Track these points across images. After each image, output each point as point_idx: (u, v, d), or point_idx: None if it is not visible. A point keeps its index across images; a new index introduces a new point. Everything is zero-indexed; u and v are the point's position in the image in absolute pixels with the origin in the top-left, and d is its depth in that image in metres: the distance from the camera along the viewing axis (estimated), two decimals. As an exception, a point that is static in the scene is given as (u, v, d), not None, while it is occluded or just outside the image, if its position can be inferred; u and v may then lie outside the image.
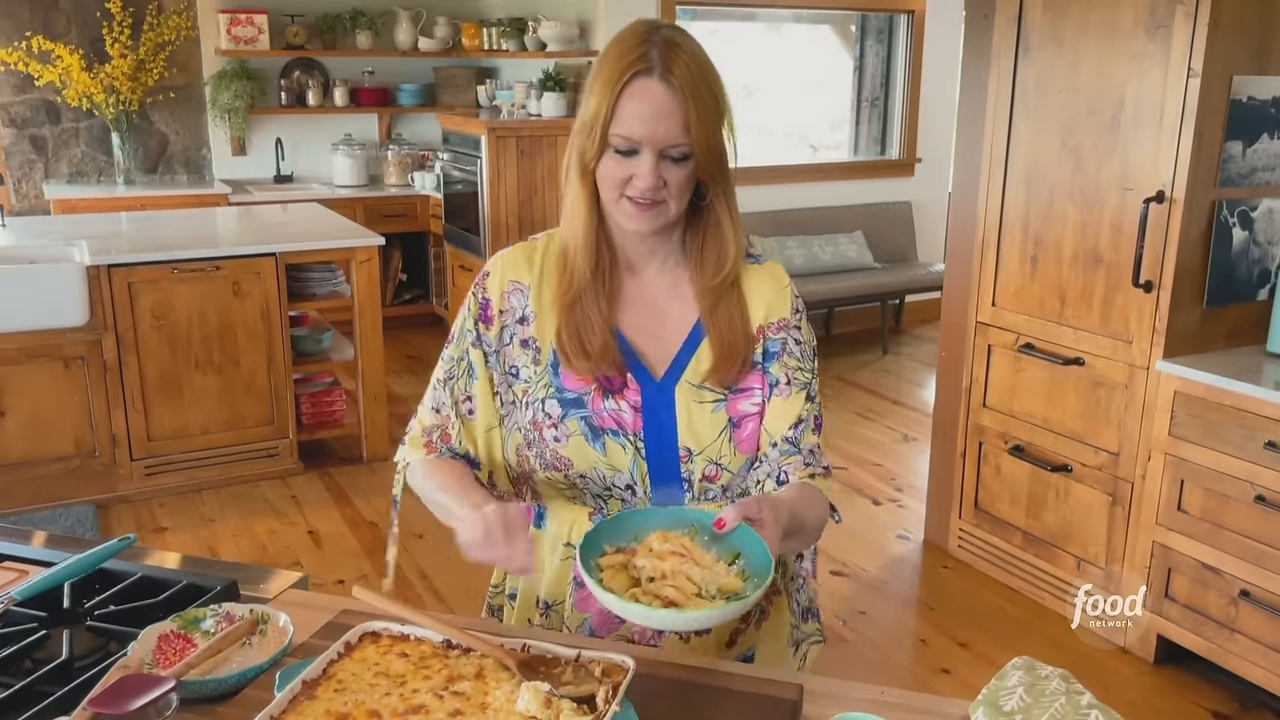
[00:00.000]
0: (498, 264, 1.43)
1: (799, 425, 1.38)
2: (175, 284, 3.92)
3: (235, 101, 6.09)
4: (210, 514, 3.92)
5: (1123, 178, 2.90)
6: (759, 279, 1.41)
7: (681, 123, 1.24)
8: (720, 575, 1.16)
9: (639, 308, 1.40)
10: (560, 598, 1.45)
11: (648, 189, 1.27)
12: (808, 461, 1.38)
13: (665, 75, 1.24)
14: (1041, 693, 1.17)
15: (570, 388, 1.36)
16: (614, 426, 1.35)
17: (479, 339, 1.41)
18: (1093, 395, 3.07)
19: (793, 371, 1.39)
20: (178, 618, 1.30)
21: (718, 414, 1.36)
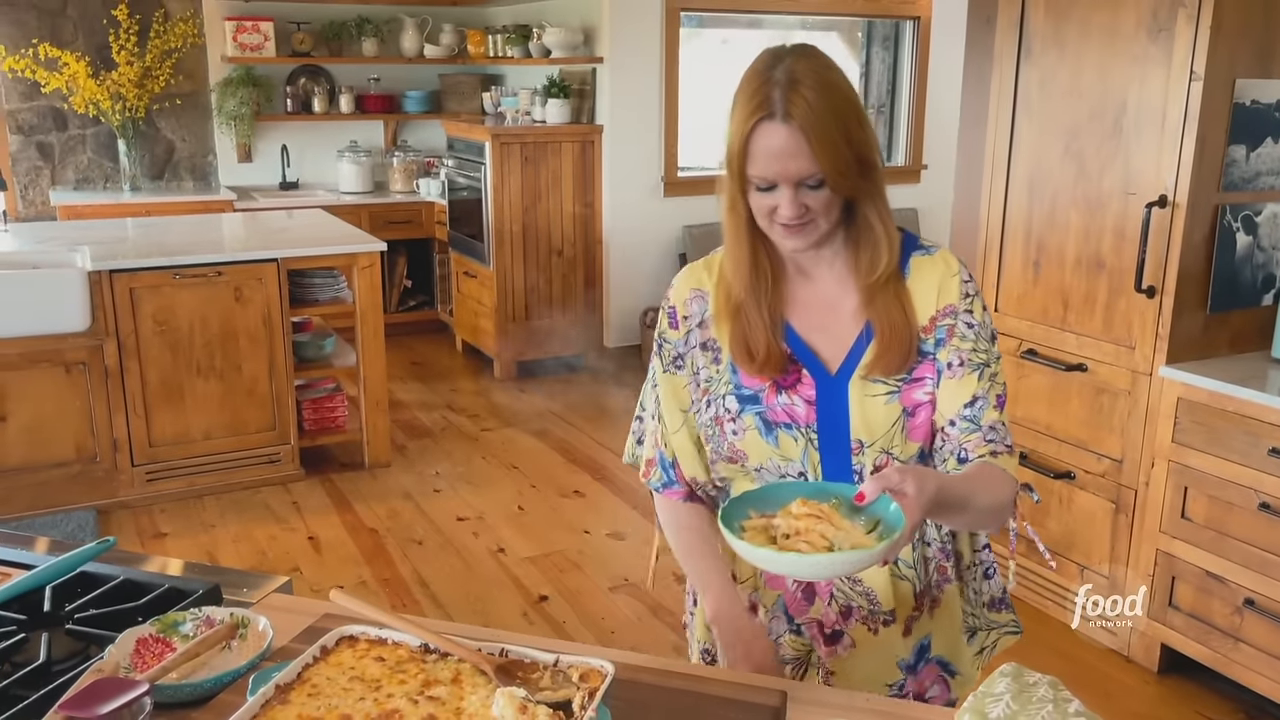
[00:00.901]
0: (679, 278, 1.53)
1: (976, 402, 1.40)
2: (177, 289, 3.93)
3: (241, 108, 6.11)
4: (211, 520, 3.91)
5: (1125, 182, 2.87)
6: (929, 270, 1.44)
7: (808, 157, 1.29)
8: (855, 536, 1.17)
9: (813, 307, 1.45)
10: (746, 575, 1.53)
11: (792, 217, 1.33)
12: (989, 439, 1.39)
13: (786, 117, 1.29)
14: (1029, 700, 1.15)
15: (747, 385, 1.44)
16: (787, 420, 1.42)
17: (672, 344, 1.51)
18: (1096, 402, 3.04)
19: (965, 353, 1.41)
20: (156, 621, 1.29)
21: (891, 405, 1.40)
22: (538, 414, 5.13)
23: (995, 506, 1.37)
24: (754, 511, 1.22)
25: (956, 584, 1.53)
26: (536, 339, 5.75)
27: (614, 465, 4.45)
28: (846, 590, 1.46)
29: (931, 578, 1.51)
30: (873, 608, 1.47)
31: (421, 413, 5.15)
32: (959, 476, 1.37)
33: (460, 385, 5.67)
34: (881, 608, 1.47)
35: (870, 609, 1.47)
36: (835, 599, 1.47)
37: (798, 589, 1.49)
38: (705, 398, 1.47)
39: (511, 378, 5.69)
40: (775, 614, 1.51)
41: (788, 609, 1.49)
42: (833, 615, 1.47)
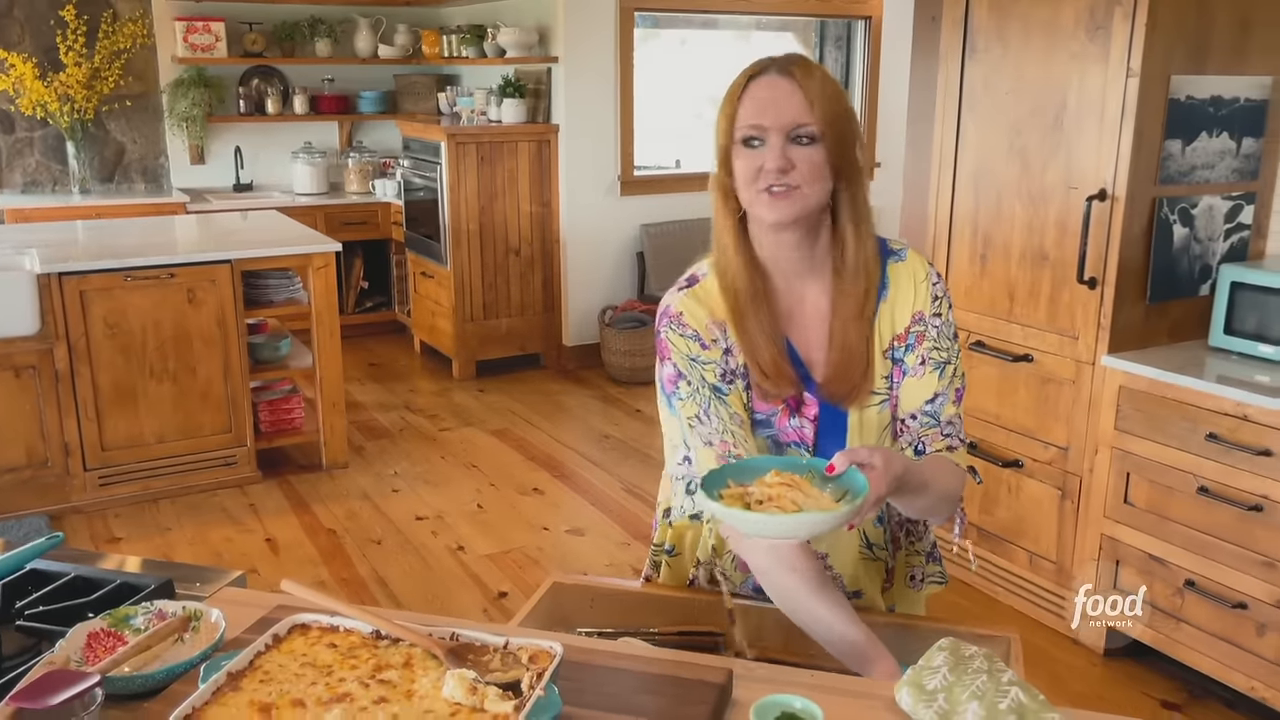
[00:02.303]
0: (687, 306, 1.46)
1: (936, 399, 1.45)
2: (128, 292, 3.89)
3: (193, 110, 6.05)
4: (166, 523, 3.88)
5: (1067, 176, 2.95)
6: (904, 277, 1.47)
7: (803, 103, 1.31)
8: (824, 502, 1.21)
9: (809, 322, 1.46)
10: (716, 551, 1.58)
11: (775, 169, 1.32)
12: (946, 433, 1.46)
13: (783, 70, 1.33)
14: (964, 671, 1.19)
15: (760, 410, 1.46)
16: (795, 440, 1.47)
17: (713, 363, 1.44)
18: (1042, 391, 3.11)
19: (928, 352, 1.45)
20: (108, 615, 1.30)
21: (883, 412, 1.46)
22: (496, 413, 5.14)
23: (949, 496, 1.43)
24: (732, 481, 1.26)
25: (905, 548, 1.62)
26: (494, 338, 5.76)
27: (573, 463, 4.46)
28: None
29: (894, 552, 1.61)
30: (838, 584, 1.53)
31: (379, 413, 5.14)
32: (920, 463, 1.42)
33: (418, 385, 5.66)
34: (846, 588, 1.53)
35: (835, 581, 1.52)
36: None
37: None
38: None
39: (470, 377, 5.69)
40: (743, 590, 1.56)
41: (756, 588, 1.53)
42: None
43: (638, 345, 5.43)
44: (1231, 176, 2.93)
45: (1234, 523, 2.62)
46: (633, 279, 5.91)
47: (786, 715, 1.16)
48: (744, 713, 1.18)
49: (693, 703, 1.16)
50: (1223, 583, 2.66)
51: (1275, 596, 2.55)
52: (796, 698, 1.18)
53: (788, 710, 1.17)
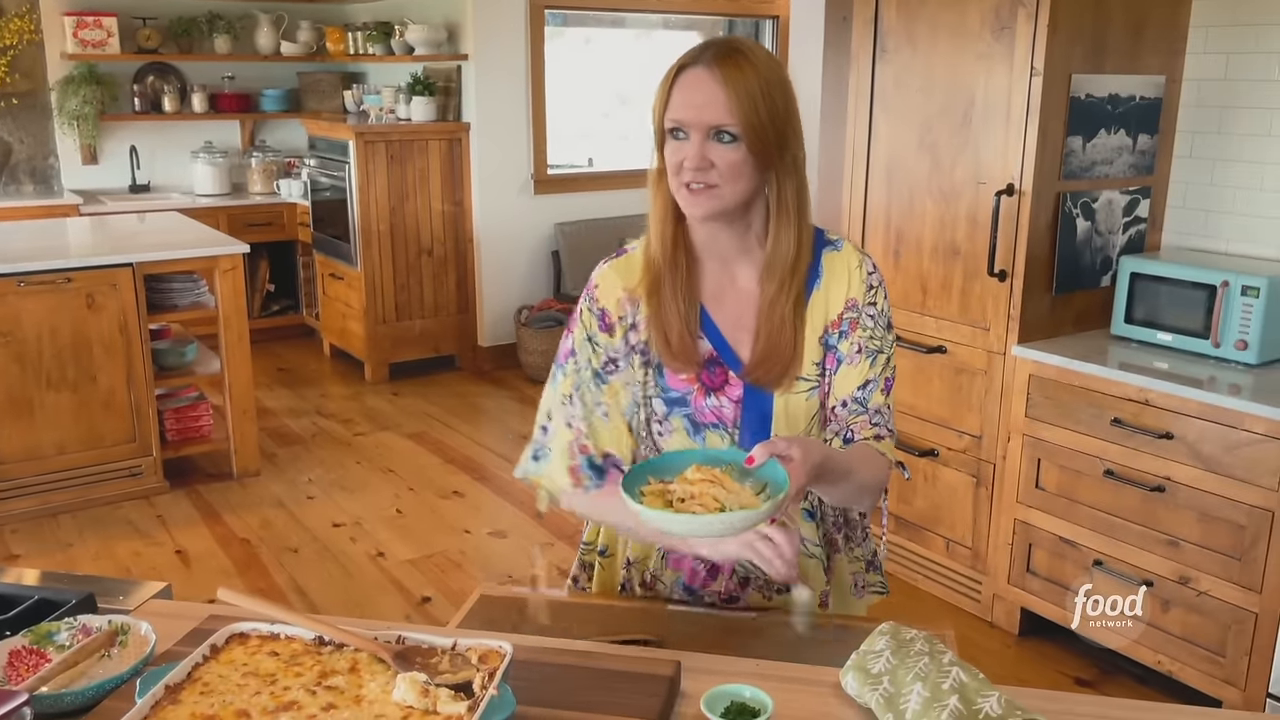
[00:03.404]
0: (607, 277, 1.49)
1: (867, 386, 1.45)
2: (21, 298, 3.72)
3: (84, 108, 5.81)
4: (68, 538, 3.73)
5: (976, 172, 3.03)
6: (839, 266, 1.47)
7: (726, 102, 1.31)
8: (745, 498, 1.22)
9: (736, 304, 1.46)
10: (645, 554, 1.57)
11: (692, 168, 1.33)
12: (874, 421, 1.46)
13: (710, 64, 1.32)
14: (907, 654, 1.22)
15: (674, 388, 1.45)
16: (714, 421, 1.45)
17: (603, 347, 1.47)
18: (955, 381, 3.20)
19: (864, 341, 1.46)
20: (29, 632, 1.24)
21: (811, 400, 1.46)
22: (412, 416, 5.06)
23: (872, 485, 1.44)
24: (653, 478, 1.26)
25: (844, 552, 1.62)
26: (408, 340, 5.67)
27: (493, 465, 4.42)
28: (747, 566, 1.51)
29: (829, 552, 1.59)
30: (766, 580, 1.53)
31: (290, 419, 5.02)
32: (843, 452, 1.43)
33: (330, 390, 5.54)
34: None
35: (767, 580, 1.52)
36: (735, 571, 1.53)
37: (701, 567, 1.53)
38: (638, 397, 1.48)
39: (383, 380, 5.59)
40: (674, 590, 1.55)
41: (688, 585, 1.54)
42: (733, 585, 1.54)
43: (554, 345, 5.38)
44: (1129, 172, 3.06)
45: (1139, 504, 2.73)
46: (548, 278, 5.88)
47: (736, 705, 1.17)
48: (693, 704, 1.18)
49: (643, 695, 1.16)
50: (1129, 561, 2.77)
51: (1179, 574, 2.67)
52: (745, 687, 1.19)
53: (737, 699, 1.18)
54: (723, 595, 1.54)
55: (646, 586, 1.57)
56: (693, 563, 1.53)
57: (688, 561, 1.53)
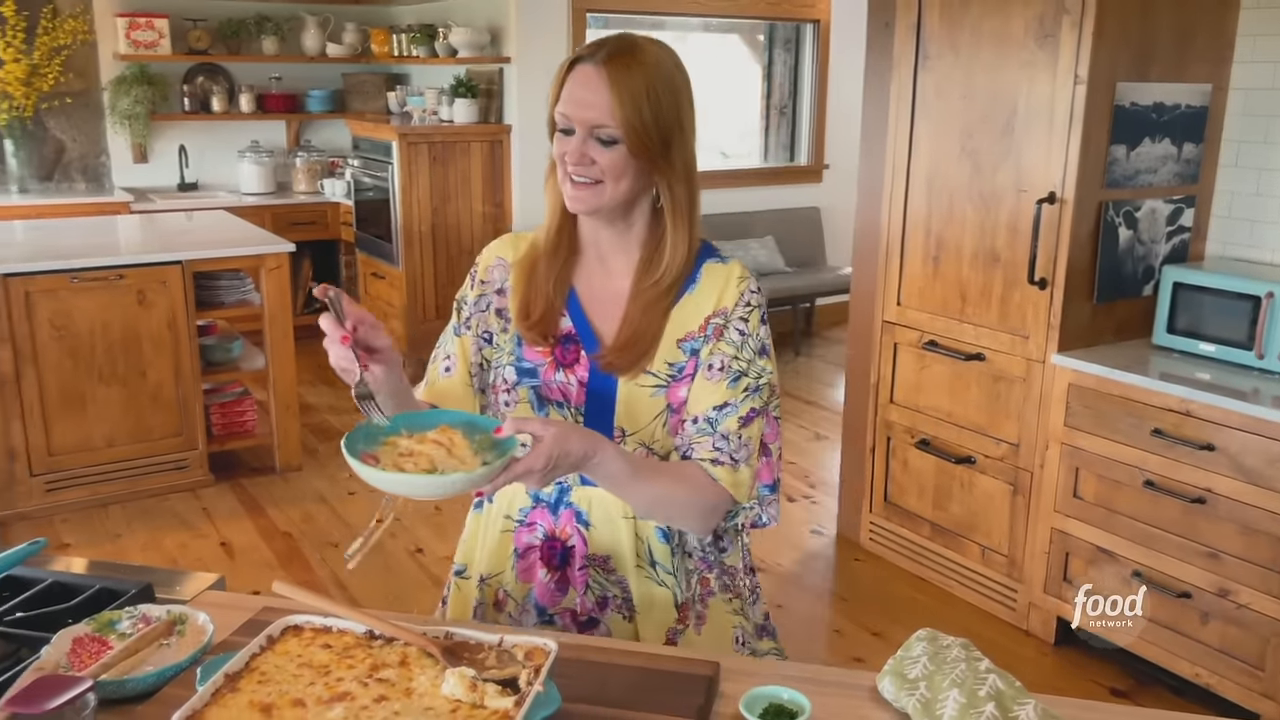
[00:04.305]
0: (494, 245, 1.55)
1: (723, 408, 1.40)
2: (75, 294, 3.82)
3: (135, 108, 5.93)
4: (117, 529, 3.81)
5: (1017, 180, 3.03)
6: (716, 275, 1.45)
7: (609, 104, 1.32)
8: (467, 465, 1.19)
9: (604, 295, 1.47)
10: (499, 569, 1.52)
11: (573, 163, 1.35)
12: (717, 445, 1.40)
13: (601, 62, 1.33)
14: (943, 660, 1.24)
15: (529, 358, 1.46)
16: (559, 398, 1.45)
17: (469, 305, 1.52)
18: (993, 389, 3.19)
19: (727, 358, 1.41)
20: (92, 620, 1.29)
21: (656, 399, 1.42)
22: (451, 414, 5.11)
23: (689, 506, 1.38)
24: (405, 430, 1.24)
25: (727, 600, 1.53)
26: (447, 339, 5.72)
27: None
28: (601, 581, 1.47)
29: (694, 590, 1.50)
30: (625, 596, 1.47)
31: (332, 416, 5.09)
32: (646, 460, 1.40)
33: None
34: (633, 599, 1.47)
35: (624, 597, 1.47)
36: (590, 589, 1.47)
37: (550, 580, 1.47)
38: (493, 363, 1.49)
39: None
40: (525, 608, 1.49)
41: (539, 601, 1.48)
42: (589, 604, 1.47)
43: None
44: (1173, 180, 3.04)
45: (1179, 515, 2.72)
46: (586, 279, 5.91)
47: (774, 706, 1.19)
48: (731, 705, 1.21)
49: (683, 694, 1.19)
50: (1168, 573, 2.76)
51: (1218, 586, 2.65)
52: (783, 689, 1.21)
53: (775, 701, 1.20)
54: (578, 615, 1.47)
55: (499, 606, 1.52)
56: (540, 574, 1.48)
57: (536, 572, 1.48)
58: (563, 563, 1.47)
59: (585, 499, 1.46)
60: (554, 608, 1.48)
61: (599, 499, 1.44)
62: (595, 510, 1.46)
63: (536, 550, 1.49)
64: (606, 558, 1.46)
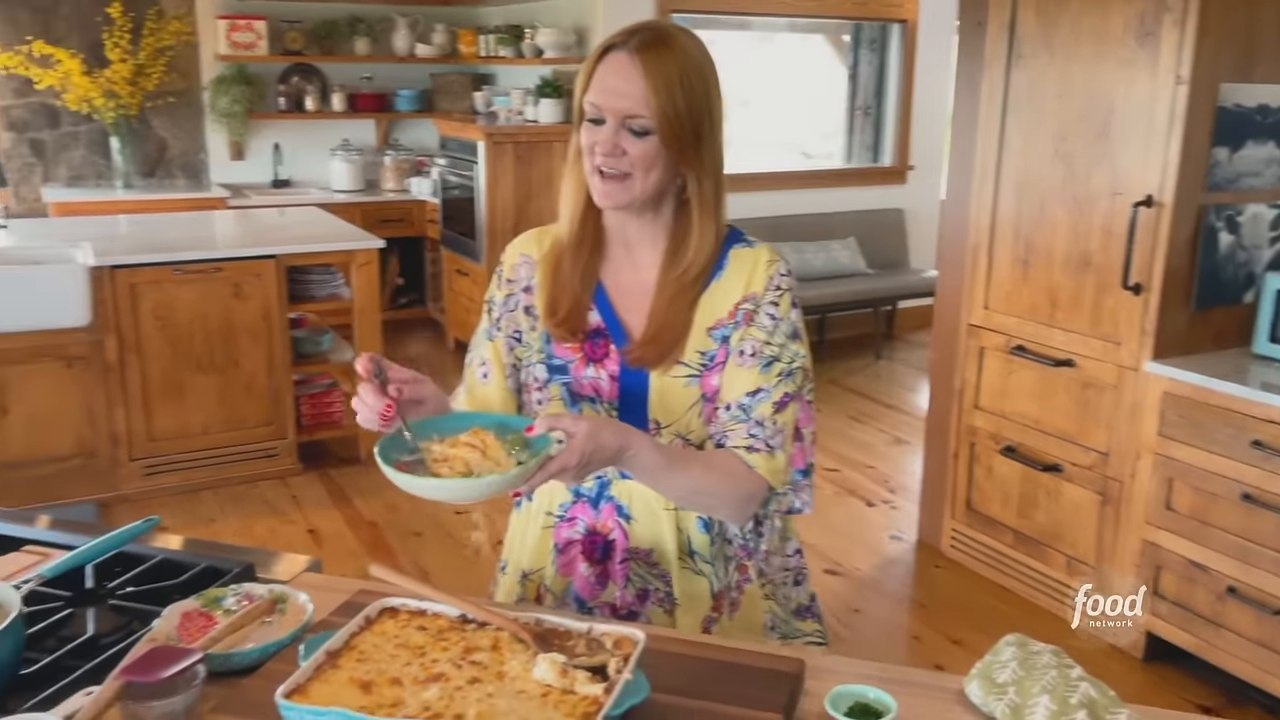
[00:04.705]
0: (518, 242, 1.55)
1: (757, 394, 1.38)
2: (177, 285, 3.96)
3: (234, 106, 6.13)
4: (210, 514, 3.95)
5: (1112, 182, 2.96)
6: (745, 260, 1.42)
7: (643, 93, 1.30)
8: (501, 466, 1.20)
9: (631, 287, 1.45)
10: (540, 565, 1.54)
11: (603, 154, 1.33)
12: (752, 432, 1.38)
13: (635, 51, 1.32)
14: (1034, 666, 1.22)
15: (558, 355, 1.45)
16: (591, 394, 1.44)
17: (497, 305, 1.52)
18: (1083, 396, 3.12)
19: (758, 344, 1.39)
20: (200, 596, 1.34)
21: (690, 389, 1.40)
22: (531, 410, 5.17)
23: (726, 494, 1.37)
24: (436, 435, 1.25)
25: (760, 585, 1.52)
26: (529, 336, 5.79)
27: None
28: (644, 574, 1.47)
29: (731, 578, 1.49)
30: (668, 590, 1.47)
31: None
32: (680, 450, 1.39)
33: (452, 382, 5.62)
34: (674, 592, 1.46)
35: (666, 591, 1.47)
36: (631, 582, 1.47)
37: (591, 574, 1.47)
38: (523, 362, 1.49)
39: (504, 375, 5.72)
40: (565, 601, 1.50)
41: (579, 594, 1.49)
42: (629, 597, 1.47)
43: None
44: (1278, 184, 2.94)
45: (1276, 530, 2.63)
46: (666, 279, 5.93)
47: (860, 705, 1.19)
48: (816, 702, 1.21)
49: (769, 689, 1.19)
50: (1264, 589, 2.67)
51: (1319, 604, 2.56)
52: (869, 688, 1.21)
53: (861, 700, 1.20)
54: (618, 609, 1.47)
55: (538, 601, 1.53)
56: (580, 568, 1.48)
57: (576, 567, 1.49)
58: (604, 556, 1.48)
59: (626, 493, 1.46)
60: (593, 601, 1.48)
61: (640, 493, 1.44)
62: (636, 504, 1.46)
63: (577, 545, 1.49)
64: (649, 551, 1.46)
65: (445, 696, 1.07)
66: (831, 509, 4.13)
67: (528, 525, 1.56)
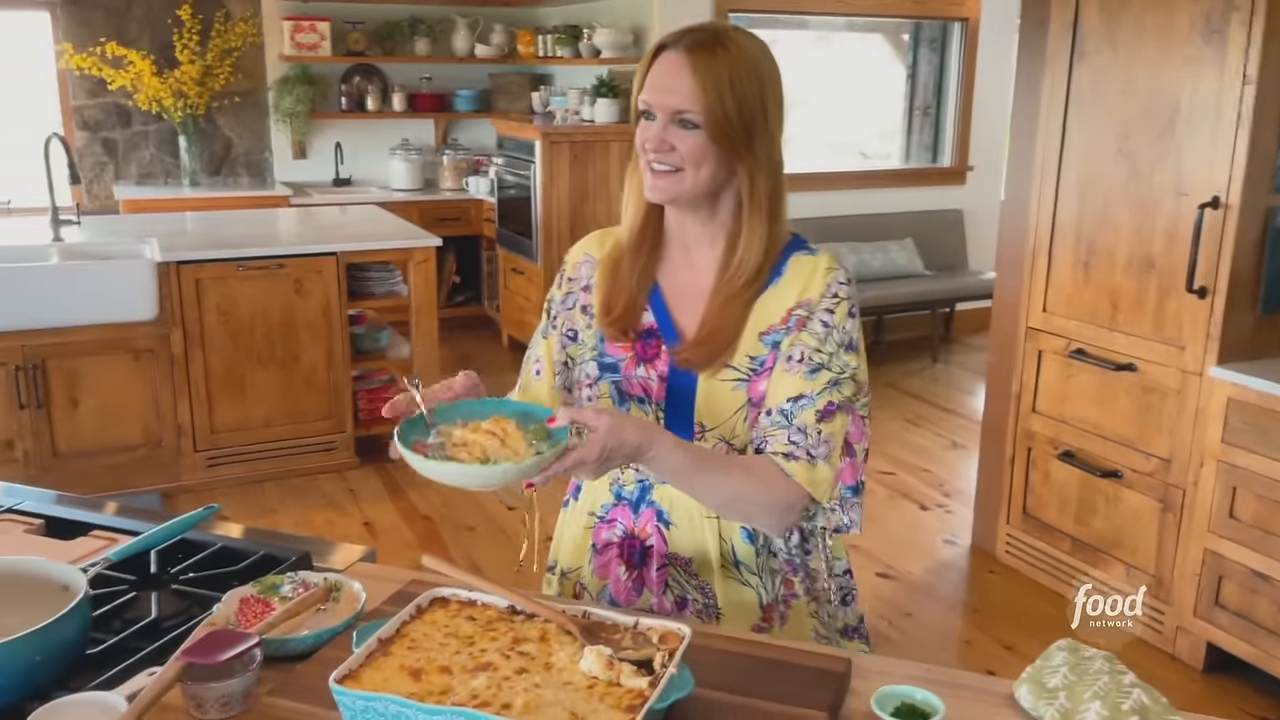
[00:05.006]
0: (583, 241, 1.57)
1: (799, 400, 1.35)
2: (240, 281, 4.05)
3: (297, 106, 6.25)
4: (271, 504, 4.03)
5: (1177, 183, 2.90)
6: (803, 267, 1.41)
7: (692, 88, 1.31)
8: (520, 455, 1.20)
9: (687, 289, 1.45)
10: (579, 564, 1.55)
11: (653, 149, 1.35)
12: (793, 439, 1.35)
13: (685, 49, 1.33)
14: (1085, 671, 1.21)
15: (610, 353, 1.46)
16: (640, 394, 1.44)
17: (556, 303, 1.55)
18: (1144, 401, 3.06)
19: (808, 350, 1.37)
20: (258, 583, 1.38)
21: (737, 393, 1.39)
22: (584, 408, 5.20)
23: (757, 502, 1.34)
24: (460, 421, 1.27)
25: (807, 602, 1.50)
26: (583, 335, 5.82)
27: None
28: (682, 582, 1.46)
29: (778, 591, 1.47)
30: (708, 602, 1.46)
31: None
32: (710, 453, 1.37)
33: (507, 380, 5.67)
34: (717, 603, 1.45)
35: (705, 603, 1.46)
36: (670, 589, 1.46)
37: (628, 578, 1.47)
38: (577, 359, 1.50)
39: (558, 373, 5.76)
40: (600, 602, 1.50)
41: (614, 597, 1.49)
42: (667, 604, 1.46)
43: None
44: (1351, 186, 2.85)
45: (1346, 541, 2.56)
46: (720, 279, 5.92)
47: (907, 705, 1.19)
48: (862, 701, 1.21)
49: (815, 687, 1.19)
50: (1332, 602, 2.60)
51: (1389, 618, 2.49)
52: (916, 689, 1.20)
53: (908, 701, 1.19)
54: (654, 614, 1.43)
55: (577, 599, 1.53)
56: (617, 571, 1.48)
57: (613, 569, 1.49)
58: (640, 561, 1.48)
59: (667, 498, 1.45)
60: (628, 606, 1.47)
61: (681, 499, 1.43)
62: (677, 510, 1.45)
63: (615, 547, 1.50)
64: (689, 560, 1.45)
65: (493, 686, 1.09)
66: (885, 512, 4.09)
67: (570, 525, 1.58)
